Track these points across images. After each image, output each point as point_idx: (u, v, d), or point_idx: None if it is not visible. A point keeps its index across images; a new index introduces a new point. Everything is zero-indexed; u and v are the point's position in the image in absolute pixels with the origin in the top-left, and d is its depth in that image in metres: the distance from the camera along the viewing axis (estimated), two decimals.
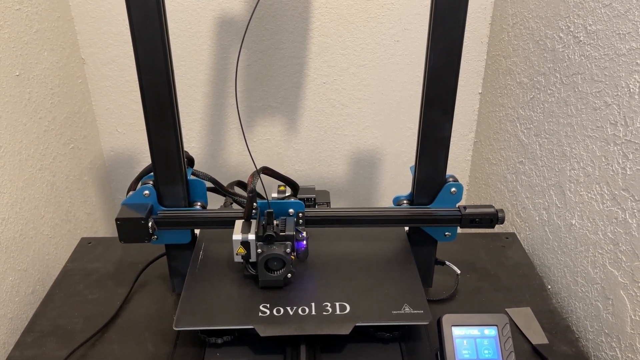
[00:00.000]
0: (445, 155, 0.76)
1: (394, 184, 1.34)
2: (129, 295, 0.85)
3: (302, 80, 1.20)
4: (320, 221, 0.77)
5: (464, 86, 1.22)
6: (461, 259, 0.93)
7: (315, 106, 1.23)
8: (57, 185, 1.03)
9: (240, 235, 0.70)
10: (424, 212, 0.78)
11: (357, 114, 1.24)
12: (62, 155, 1.05)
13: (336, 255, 0.79)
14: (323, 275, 0.75)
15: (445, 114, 0.74)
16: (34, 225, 0.94)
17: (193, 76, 1.19)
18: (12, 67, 0.89)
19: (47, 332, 0.79)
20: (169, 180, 0.76)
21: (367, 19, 1.14)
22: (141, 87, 0.70)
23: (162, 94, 0.70)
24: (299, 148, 1.28)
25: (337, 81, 1.21)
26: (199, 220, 0.77)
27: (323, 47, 1.17)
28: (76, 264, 0.94)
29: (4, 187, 0.85)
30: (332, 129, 1.26)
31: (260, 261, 0.70)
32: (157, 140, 0.73)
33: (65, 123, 1.07)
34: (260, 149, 1.27)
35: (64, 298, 0.86)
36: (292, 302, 0.70)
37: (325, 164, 1.30)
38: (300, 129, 1.26)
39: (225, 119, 1.24)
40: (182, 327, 0.66)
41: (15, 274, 0.88)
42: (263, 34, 1.14)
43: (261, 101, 1.22)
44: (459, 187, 0.78)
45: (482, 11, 1.15)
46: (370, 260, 0.79)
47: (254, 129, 1.25)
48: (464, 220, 0.77)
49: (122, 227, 0.74)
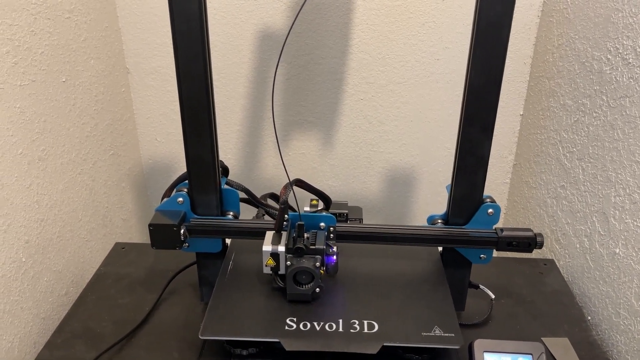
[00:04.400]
0: (483, 175, 0.74)
1: (429, 203, 1.32)
2: (158, 302, 0.85)
3: (339, 96, 1.20)
4: (352, 236, 0.76)
5: (504, 107, 1.20)
6: (496, 283, 0.90)
7: (351, 122, 1.23)
8: (96, 190, 1.06)
9: (270, 246, 0.70)
10: (458, 233, 0.76)
11: (393, 131, 1.23)
12: (102, 160, 1.08)
13: (366, 272, 0.78)
14: (352, 291, 0.74)
15: (485, 132, 0.72)
16: (71, 228, 0.96)
17: (233, 88, 1.20)
18: (60, 73, 0.92)
19: (77, 334, 0.80)
20: (203, 188, 0.76)
21: (407, 37, 1.14)
22: (180, 95, 0.71)
23: (200, 103, 0.71)
24: (333, 163, 1.27)
25: (374, 98, 1.20)
26: (230, 229, 0.77)
27: (362, 64, 1.16)
28: (109, 268, 0.95)
29: (45, 189, 0.88)
30: (367, 146, 1.25)
31: (289, 274, 0.69)
32: (193, 148, 0.74)
33: (107, 130, 1.10)
34: (295, 162, 1.27)
35: (95, 301, 0.87)
36: (320, 318, 0.69)
37: (360, 181, 1.29)
38: (335, 145, 1.25)
39: (262, 132, 1.24)
40: (208, 336, 0.66)
41: (50, 275, 0.89)
42: (303, 49, 1.15)
43: (298, 115, 1.22)
44: (496, 208, 0.75)
45: (526, 31, 1.13)
46: (401, 279, 0.77)
47: (290, 143, 1.25)
48: (500, 243, 0.75)
49: (154, 233, 0.75)
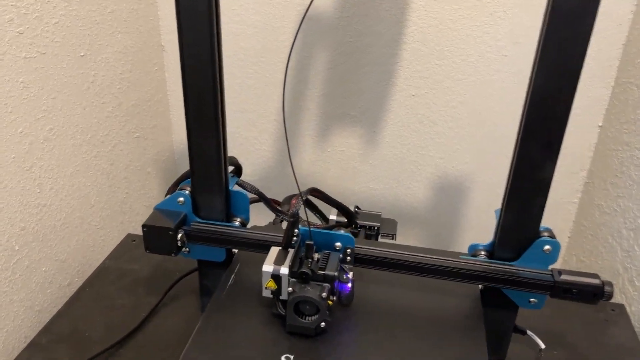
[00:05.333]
0: (541, 203, 0.60)
1: (480, 218, 1.17)
2: (157, 308, 0.77)
3: (388, 90, 1.07)
4: (373, 262, 0.64)
5: (579, 115, 1.02)
6: (549, 329, 0.75)
7: (399, 120, 1.09)
8: (114, 174, 0.98)
9: (271, 266, 0.59)
10: (505, 271, 0.62)
11: (447, 133, 1.09)
12: (124, 143, 1.00)
13: (387, 306, 0.66)
14: (366, 328, 0.62)
15: (548, 150, 0.58)
16: (81, 214, 0.90)
17: (271, 74, 1.10)
18: (77, 46, 0.84)
19: (64, 335, 0.73)
20: (206, 189, 0.66)
21: (471, 27, 0.99)
22: (183, 75, 0.61)
23: (205, 87, 0.61)
24: (376, 164, 1.15)
25: (428, 95, 1.06)
26: (233, 238, 0.66)
27: (416, 55, 1.03)
28: (114, 262, 0.88)
29: (50, 172, 0.81)
30: (416, 148, 1.12)
31: (290, 302, 0.58)
32: (196, 140, 0.64)
33: (133, 111, 1.03)
34: (333, 160, 1.16)
35: (91, 299, 0.80)
36: (322, 358, 0.57)
37: (404, 186, 1.16)
38: (380, 144, 1.13)
39: (300, 124, 1.13)
40: None
41: (51, 264, 0.83)
42: (350, 35, 1.02)
43: (340, 108, 1.10)
44: (555, 245, 0.61)
45: (615, 28, 0.95)
46: (428, 318, 0.64)
47: (329, 138, 1.14)
48: (556, 289, 0.61)
49: (148, 235, 0.66)
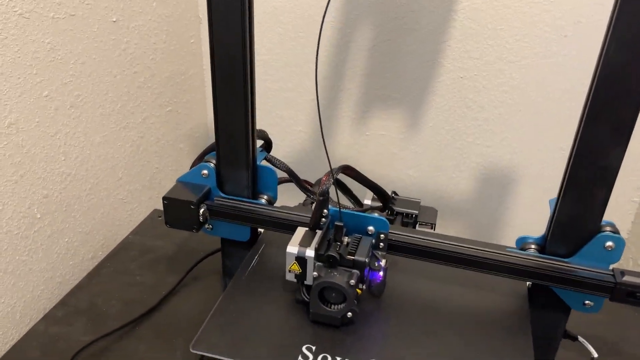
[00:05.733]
0: (605, 194, 0.53)
1: (528, 215, 1.09)
2: (177, 287, 0.73)
3: (434, 71, 1.00)
4: (410, 250, 0.58)
5: None
6: (603, 335, 0.68)
7: (445, 104, 1.02)
8: (144, 147, 0.95)
9: (296, 247, 0.54)
10: (558, 267, 0.55)
11: (496, 120, 1.01)
12: (155, 116, 0.97)
13: (422, 299, 0.60)
14: (397, 322, 0.56)
15: (617, 135, 0.50)
16: (107, 186, 0.87)
17: (311, 51, 1.04)
18: (110, 11, 0.81)
19: (81, 309, 0.71)
20: (232, 161, 0.62)
21: (529, 4, 0.90)
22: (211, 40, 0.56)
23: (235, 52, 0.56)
24: (417, 150, 1.08)
25: (477, 77, 0.98)
26: (257, 216, 0.62)
27: (467, 34, 0.95)
28: (138, 237, 0.85)
29: (76, 140, 0.78)
30: (461, 135, 1.04)
31: (314, 288, 0.53)
32: (222, 108, 0.59)
33: (167, 83, 0.99)
34: (371, 144, 1.09)
35: (112, 274, 0.77)
36: (347, 352, 0.52)
37: (446, 175, 1.09)
38: (422, 129, 1.06)
39: (338, 105, 1.08)
40: (200, 351, 0.52)
41: (74, 236, 0.80)
42: (395, 11, 0.96)
43: (382, 89, 1.04)
44: (619, 242, 0.53)
45: None
46: (468, 315, 0.58)
47: (368, 120, 1.07)
48: (617, 292, 0.53)
49: (169, 209, 0.62)
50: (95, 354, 0.63)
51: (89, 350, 0.63)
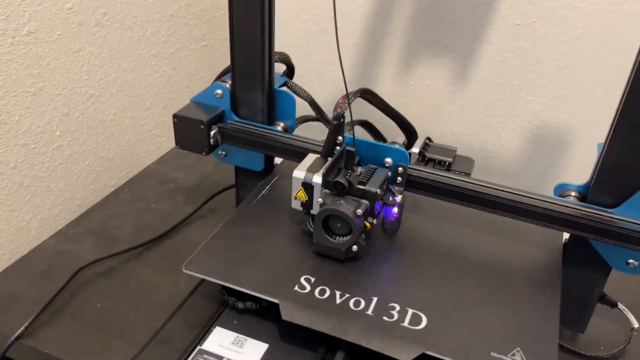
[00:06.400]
0: None
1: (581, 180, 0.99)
2: (190, 217, 0.71)
3: (487, 17, 0.92)
4: (431, 188, 0.52)
5: None
6: None
7: (498, 54, 0.94)
8: (175, 80, 0.93)
9: (303, 173, 0.50)
10: (600, 218, 0.48)
11: (553, 74, 0.92)
12: (189, 49, 0.94)
13: (441, 243, 0.54)
14: (410, 263, 0.51)
15: None
16: (133, 114, 0.85)
17: None
18: None
19: (93, 230, 0.69)
20: (247, 82, 0.58)
21: None
22: None
23: None
24: (464, 104, 1.00)
25: (536, 24, 0.89)
26: (270, 142, 0.57)
27: None
28: (160, 167, 0.83)
29: (101, 61, 0.76)
30: (514, 89, 0.96)
31: (318, 215, 0.49)
32: (239, 21, 0.55)
33: (202, 16, 0.95)
34: (414, 95, 1.02)
35: (127, 200, 0.75)
36: (347, 287, 0.48)
37: (494, 133, 1.01)
38: (471, 81, 0.98)
39: (381, 50, 1.01)
40: (192, 271, 0.49)
41: (96, 160, 0.79)
42: None
43: (429, 35, 0.96)
44: None
45: None
46: (491, 264, 0.52)
47: (413, 69, 1.00)
48: None
49: (179, 128, 0.59)
50: (101, 272, 0.62)
51: (95, 268, 0.62)
